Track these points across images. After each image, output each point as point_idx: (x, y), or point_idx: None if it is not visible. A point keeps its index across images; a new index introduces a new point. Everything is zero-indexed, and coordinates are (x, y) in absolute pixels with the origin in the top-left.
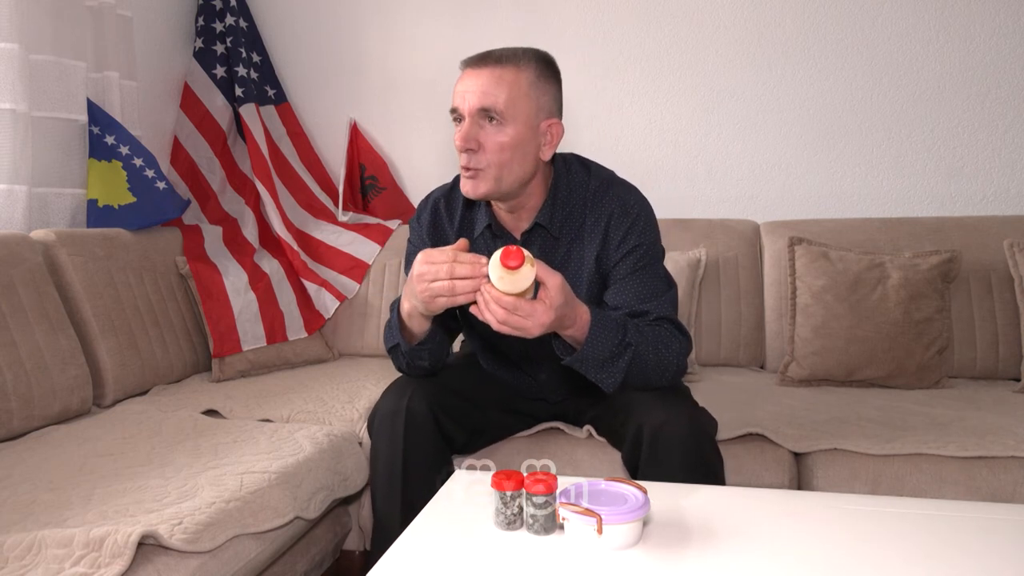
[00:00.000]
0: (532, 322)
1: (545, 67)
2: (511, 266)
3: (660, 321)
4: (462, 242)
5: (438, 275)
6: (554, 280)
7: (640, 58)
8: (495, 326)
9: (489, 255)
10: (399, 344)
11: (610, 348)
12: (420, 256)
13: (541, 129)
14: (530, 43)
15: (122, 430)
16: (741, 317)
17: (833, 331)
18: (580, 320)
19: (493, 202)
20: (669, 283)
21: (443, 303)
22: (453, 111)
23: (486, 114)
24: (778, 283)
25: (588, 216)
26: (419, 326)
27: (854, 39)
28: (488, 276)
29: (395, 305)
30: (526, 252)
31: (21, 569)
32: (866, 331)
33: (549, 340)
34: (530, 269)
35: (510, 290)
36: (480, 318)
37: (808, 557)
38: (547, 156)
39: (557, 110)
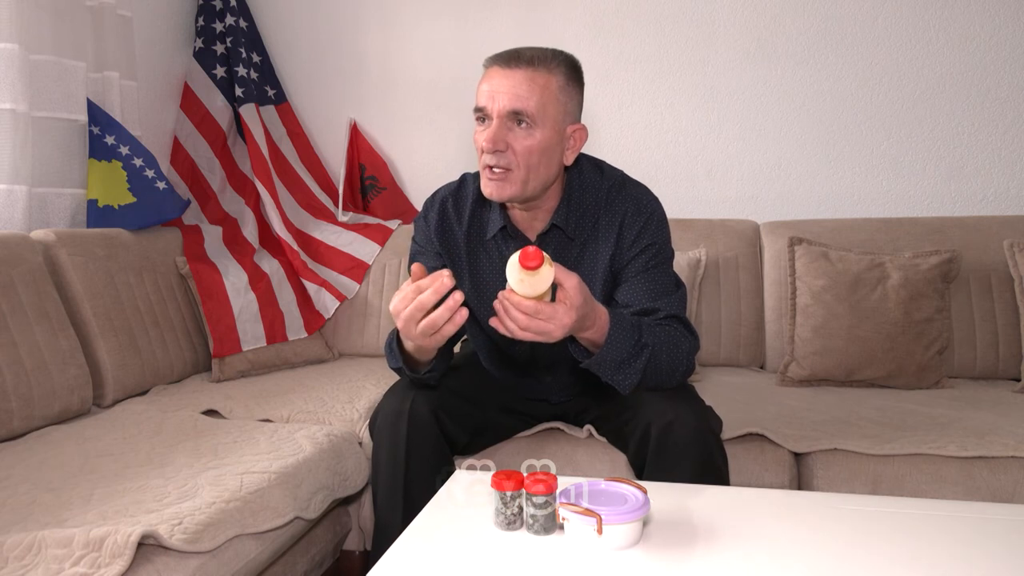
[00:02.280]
0: (554, 324)
1: (573, 71)
2: (531, 266)
3: (670, 320)
4: (416, 268)
5: (414, 316)
6: (571, 280)
7: (640, 58)
8: (517, 334)
9: (503, 257)
10: (403, 368)
11: (628, 349)
12: (393, 306)
13: (567, 134)
14: (529, 43)
15: (122, 430)
16: (741, 317)
17: (833, 331)
18: (599, 321)
19: (509, 203)
20: (678, 283)
21: (439, 340)
22: (479, 110)
23: (516, 116)
24: (778, 283)
25: (602, 216)
26: (427, 355)
27: (854, 39)
28: (507, 283)
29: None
30: (544, 253)
31: (21, 569)
32: (866, 331)
33: (558, 342)
34: (549, 269)
35: (530, 293)
36: (500, 330)
37: (808, 557)
38: (570, 160)
39: (580, 115)
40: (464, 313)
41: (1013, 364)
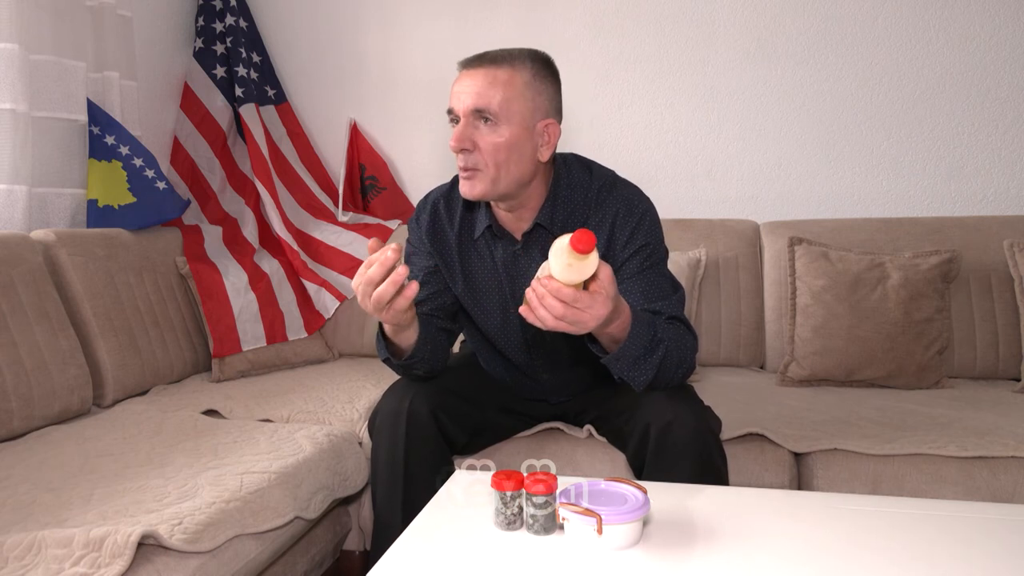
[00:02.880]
0: (590, 314)
1: (542, 67)
2: (586, 250)
3: (672, 321)
4: (372, 243)
5: (366, 291)
6: (606, 271)
7: (640, 58)
8: (550, 323)
9: (492, 256)
10: (390, 358)
11: (645, 344)
12: (352, 282)
13: (538, 130)
14: (530, 43)
15: (122, 430)
16: (741, 317)
17: (833, 331)
18: (623, 314)
19: (493, 203)
20: (675, 284)
21: (395, 315)
22: (449, 112)
23: (480, 114)
24: (778, 283)
25: (591, 216)
26: (405, 340)
27: (854, 39)
28: (549, 268)
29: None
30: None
31: (21, 569)
32: (866, 331)
33: (553, 342)
34: (596, 255)
35: (574, 279)
36: (529, 319)
37: (808, 557)
38: (545, 157)
39: (554, 110)
40: (414, 287)
41: (1013, 364)
